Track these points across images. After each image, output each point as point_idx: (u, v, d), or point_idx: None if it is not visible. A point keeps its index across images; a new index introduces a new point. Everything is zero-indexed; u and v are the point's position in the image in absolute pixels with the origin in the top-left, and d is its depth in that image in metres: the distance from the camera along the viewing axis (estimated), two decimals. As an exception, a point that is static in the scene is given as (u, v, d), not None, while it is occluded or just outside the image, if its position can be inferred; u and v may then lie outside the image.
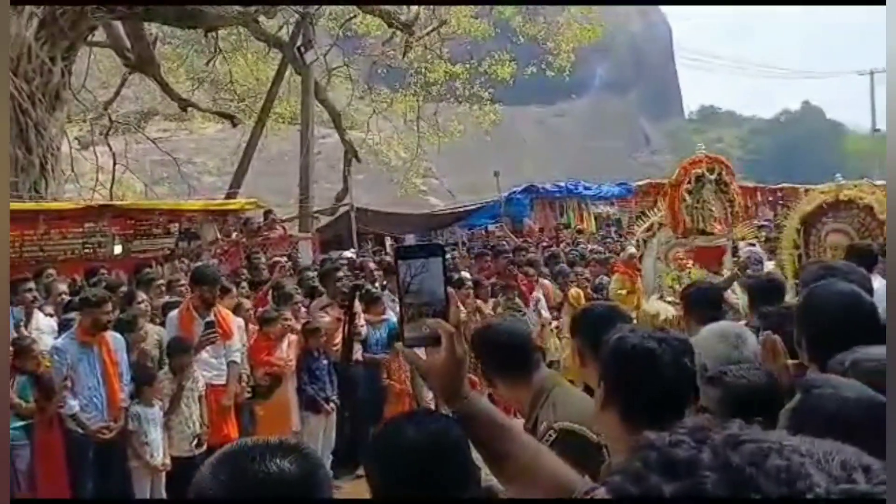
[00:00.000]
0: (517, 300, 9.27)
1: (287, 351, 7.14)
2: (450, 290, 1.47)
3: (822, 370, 2.19)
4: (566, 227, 16.78)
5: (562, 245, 14.01)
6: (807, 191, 8.82)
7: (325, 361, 7.44)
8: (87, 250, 9.72)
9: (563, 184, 18.43)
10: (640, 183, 19.21)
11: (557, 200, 17.77)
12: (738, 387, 2.36)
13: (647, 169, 38.59)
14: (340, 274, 8.59)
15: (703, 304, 4.23)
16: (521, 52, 21.67)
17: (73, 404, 5.65)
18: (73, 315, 6.27)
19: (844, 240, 6.54)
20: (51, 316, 6.85)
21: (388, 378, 7.90)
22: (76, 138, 19.72)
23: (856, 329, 2.23)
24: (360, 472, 7.55)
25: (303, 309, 7.74)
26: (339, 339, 7.58)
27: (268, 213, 13.22)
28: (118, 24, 15.21)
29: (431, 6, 18.55)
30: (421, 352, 1.49)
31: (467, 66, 20.81)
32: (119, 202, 12.55)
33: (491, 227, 16.73)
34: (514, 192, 17.34)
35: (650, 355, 1.84)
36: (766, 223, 12.81)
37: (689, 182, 7.27)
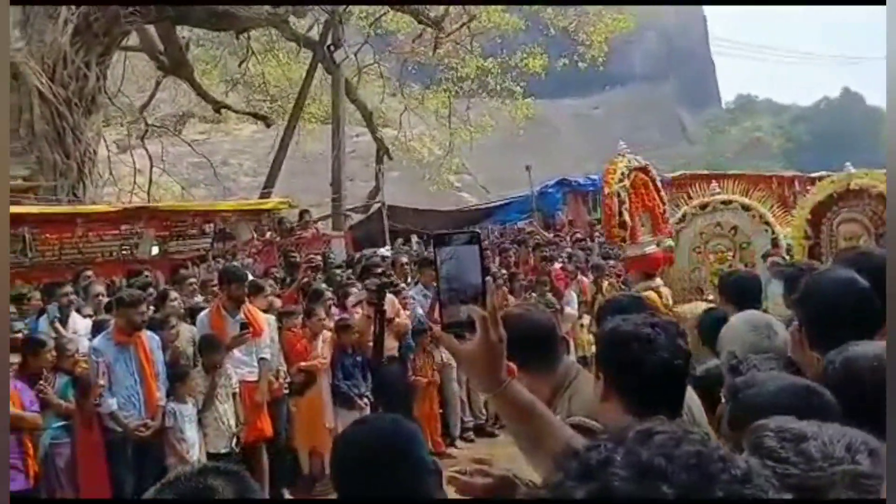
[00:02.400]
0: (550, 296, 9.22)
1: (322, 348, 7.19)
2: (487, 278, 1.50)
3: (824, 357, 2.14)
4: (600, 220, 16.60)
5: (595, 239, 13.89)
6: (820, 179, 8.53)
7: (358, 358, 7.47)
8: (124, 252, 9.88)
9: (595, 176, 18.25)
10: (674, 174, 18.95)
11: (590, 193, 17.61)
12: (760, 377, 2.32)
13: (685, 160, 38.09)
14: (379, 270, 8.62)
15: (740, 293, 4.15)
16: (552, 44, 21.53)
17: (111, 403, 5.74)
18: (108, 316, 6.38)
19: (858, 229, 6.38)
20: (89, 317, 6.97)
21: (413, 374, 7.92)
22: (114, 142, 20.08)
23: (848, 315, 2.20)
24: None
25: (334, 307, 7.79)
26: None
27: (304, 212, 13.32)
28: (151, 29, 15.43)
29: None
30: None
31: (498, 60, 20.73)
32: (154, 204, 12.72)
33: (521, 223, 16.64)
34: (546, 186, 17.23)
35: (646, 340, 1.86)
36: None
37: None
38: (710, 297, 6.38)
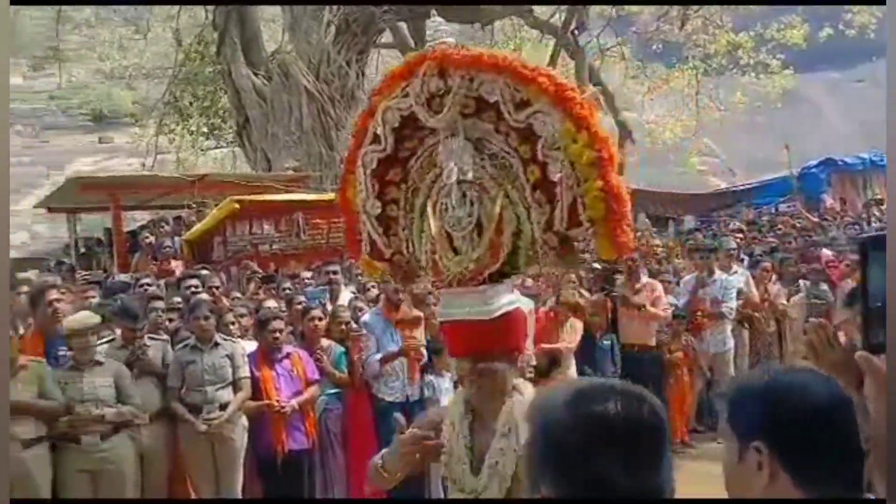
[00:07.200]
0: (823, 286, 8.25)
1: (569, 334, 7.15)
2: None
3: None
4: (879, 202, 14.86)
5: (871, 222, 12.56)
6: None
7: (606, 342, 7.41)
8: (385, 235, 10.48)
9: (865, 156, 16.53)
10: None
11: (860, 174, 15.98)
12: None
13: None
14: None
15: None
16: (813, 13, 19.77)
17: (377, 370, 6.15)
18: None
19: None
20: (353, 294, 7.50)
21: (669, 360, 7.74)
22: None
23: None
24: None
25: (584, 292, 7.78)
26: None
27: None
28: (403, 26, 16.23)
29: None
30: None
31: (752, 34, 19.38)
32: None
33: (781, 206, 15.45)
34: (809, 166, 15.89)
35: None
36: None
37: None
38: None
